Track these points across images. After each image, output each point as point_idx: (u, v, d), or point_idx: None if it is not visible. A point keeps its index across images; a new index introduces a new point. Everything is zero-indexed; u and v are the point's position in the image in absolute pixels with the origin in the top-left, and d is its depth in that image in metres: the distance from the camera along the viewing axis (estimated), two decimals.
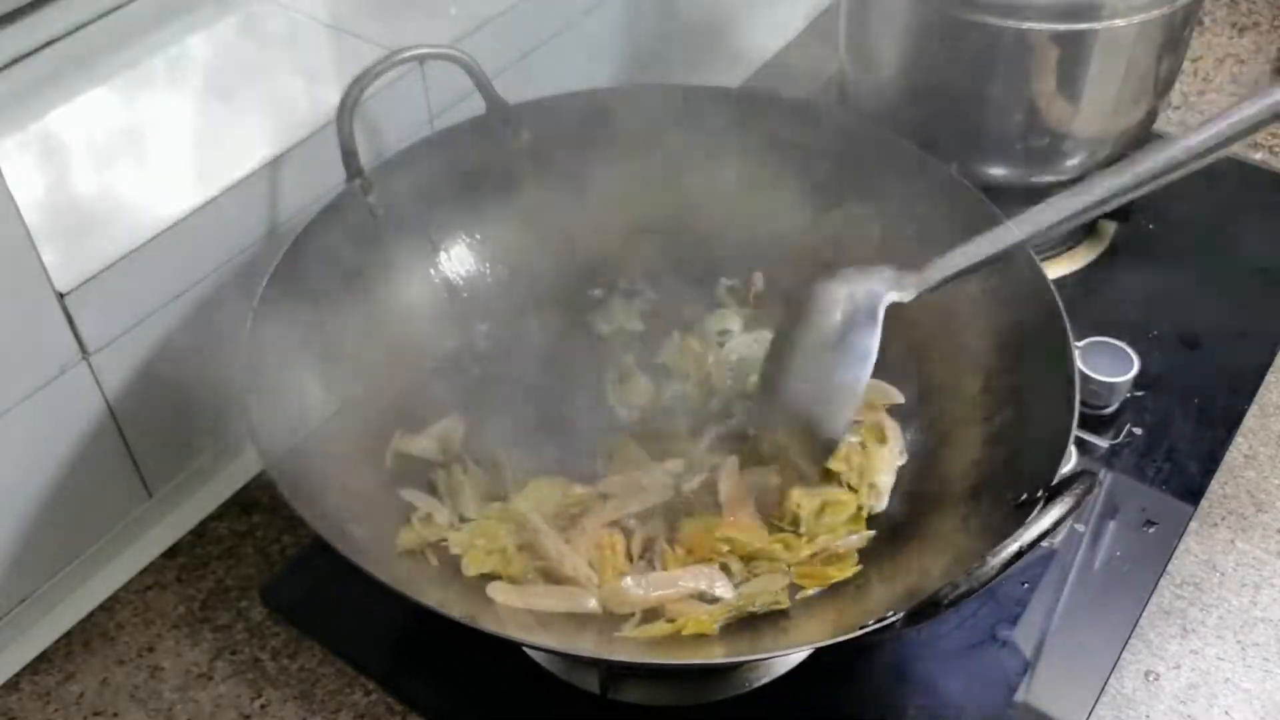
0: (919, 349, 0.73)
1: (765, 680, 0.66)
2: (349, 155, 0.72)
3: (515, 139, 0.79)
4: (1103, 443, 0.79)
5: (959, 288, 0.68)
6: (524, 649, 0.67)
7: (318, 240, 0.70)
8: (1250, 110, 0.59)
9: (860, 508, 0.69)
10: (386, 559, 0.64)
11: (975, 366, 0.71)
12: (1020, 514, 0.57)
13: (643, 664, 0.64)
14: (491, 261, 0.79)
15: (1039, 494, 0.58)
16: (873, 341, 0.65)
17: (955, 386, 0.72)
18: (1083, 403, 0.71)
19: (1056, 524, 0.54)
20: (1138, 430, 0.79)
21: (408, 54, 0.72)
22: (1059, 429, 0.61)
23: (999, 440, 0.67)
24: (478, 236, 0.79)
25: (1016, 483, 0.61)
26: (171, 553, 0.74)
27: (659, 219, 0.81)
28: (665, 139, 0.80)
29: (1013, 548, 0.54)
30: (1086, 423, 0.79)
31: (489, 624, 0.60)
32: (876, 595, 0.63)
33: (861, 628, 0.55)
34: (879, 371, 0.65)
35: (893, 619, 0.54)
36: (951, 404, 0.71)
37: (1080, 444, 0.79)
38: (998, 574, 0.53)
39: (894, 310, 0.66)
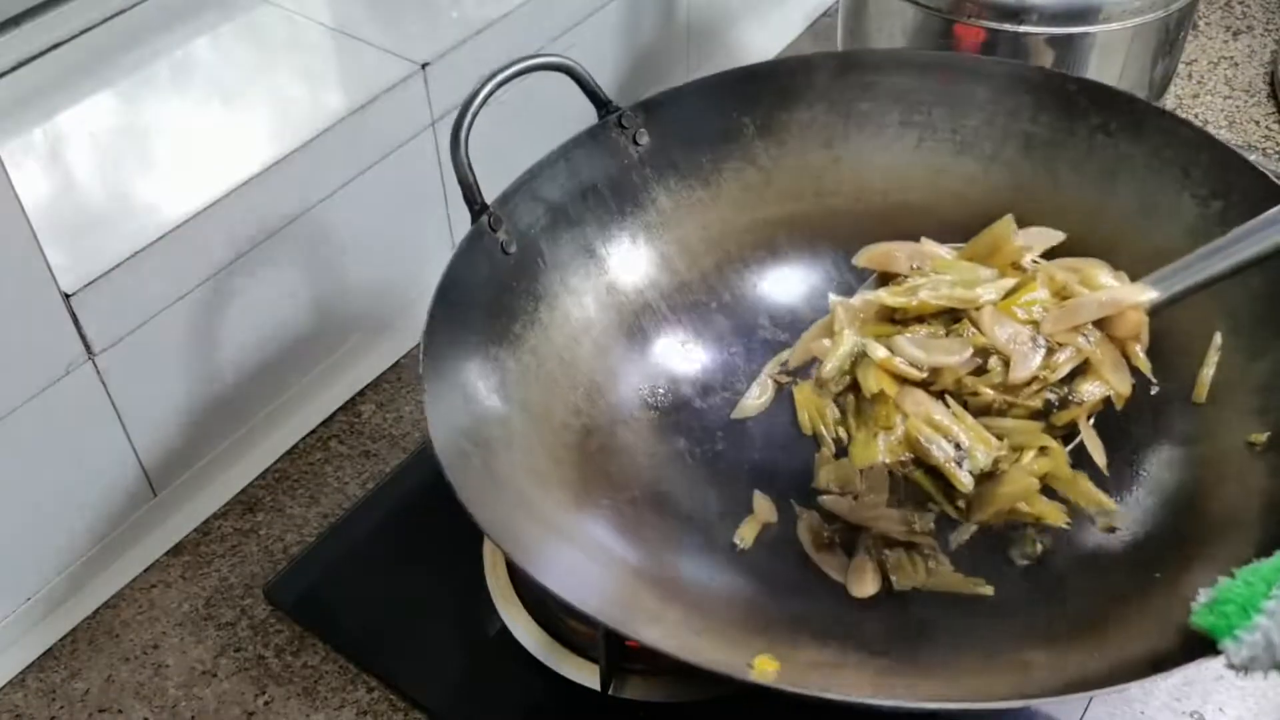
0: None
1: None
2: (470, 189, 0.66)
3: (634, 144, 0.74)
4: None
5: None
6: (522, 646, 0.68)
7: (461, 286, 0.65)
8: None
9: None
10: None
11: (1215, 307, 0.65)
12: None
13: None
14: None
15: None
16: None
17: (1190, 327, 0.66)
18: None
19: None
20: None
21: (509, 71, 0.66)
22: None
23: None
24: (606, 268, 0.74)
25: None
26: (176, 551, 0.75)
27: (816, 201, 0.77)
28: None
29: None
30: None
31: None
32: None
33: None
34: None
35: None
36: (1194, 344, 0.66)
37: None
38: None
39: None
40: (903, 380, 0.63)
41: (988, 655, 0.59)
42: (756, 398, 0.74)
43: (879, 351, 0.63)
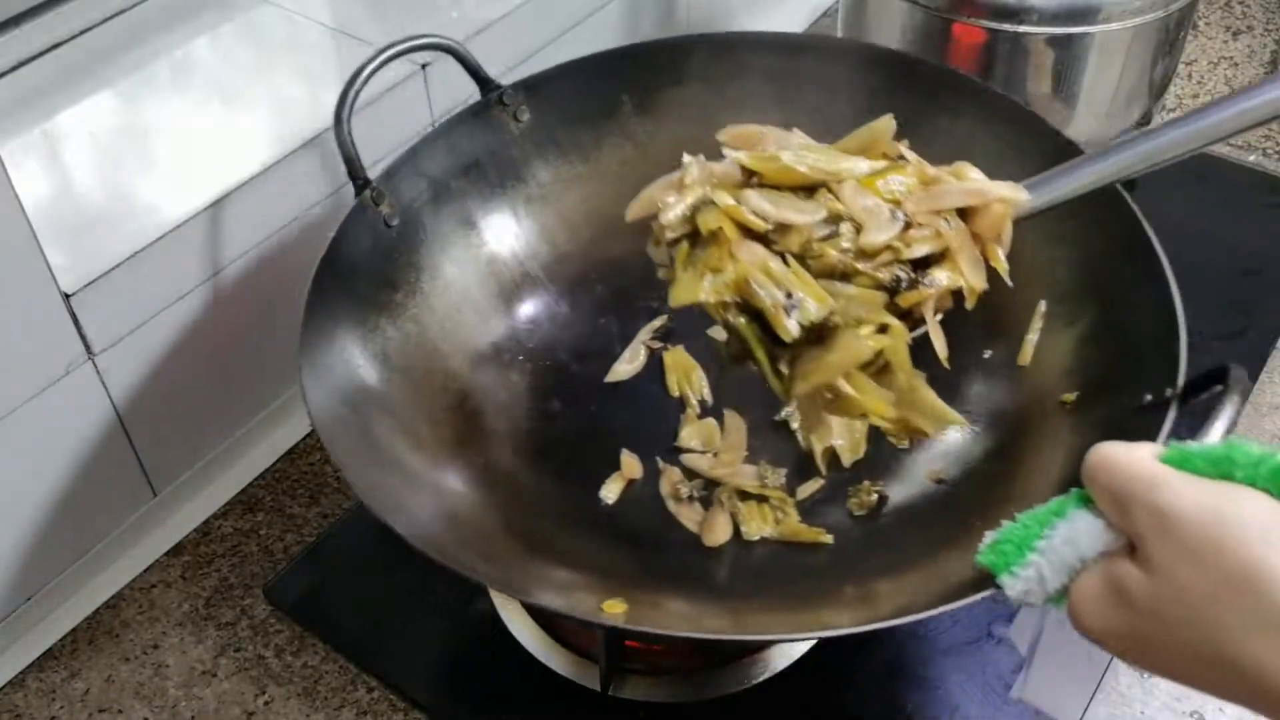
0: None
1: (764, 677, 0.67)
2: (352, 163, 0.69)
3: (515, 120, 0.76)
4: None
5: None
6: (522, 646, 0.68)
7: (344, 256, 0.67)
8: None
9: None
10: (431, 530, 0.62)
11: (1039, 280, 0.70)
12: (1153, 417, 0.57)
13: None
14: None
15: (1167, 393, 0.57)
16: None
17: (1018, 297, 0.68)
18: None
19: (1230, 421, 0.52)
20: None
21: (394, 49, 0.69)
22: (1164, 330, 0.60)
23: (1091, 344, 0.67)
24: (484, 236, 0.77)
25: (1132, 386, 0.60)
26: (176, 551, 0.75)
27: None
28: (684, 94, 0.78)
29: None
30: None
31: (534, 594, 0.60)
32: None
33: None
34: None
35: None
36: (1020, 313, 0.71)
37: None
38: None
39: None
40: (746, 233, 0.58)
41: (828, 594, 0.63)
42: (629, 362, 0.77)
43: (725, 199, 0.58)
